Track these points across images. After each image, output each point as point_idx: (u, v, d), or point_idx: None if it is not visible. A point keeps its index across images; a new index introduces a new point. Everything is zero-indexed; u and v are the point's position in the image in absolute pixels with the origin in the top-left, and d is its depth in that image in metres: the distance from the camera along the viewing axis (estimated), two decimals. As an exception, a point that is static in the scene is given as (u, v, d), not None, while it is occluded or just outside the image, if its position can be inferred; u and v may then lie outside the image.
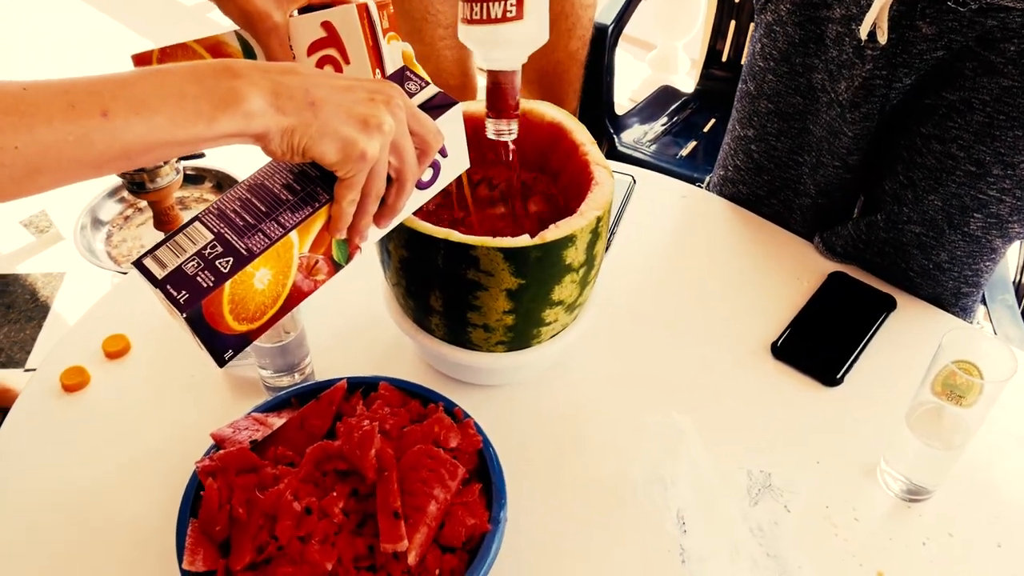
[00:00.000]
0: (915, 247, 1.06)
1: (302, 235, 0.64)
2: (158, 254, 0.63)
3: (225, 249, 0.62)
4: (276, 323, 0.68)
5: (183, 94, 0.55)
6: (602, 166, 0.87)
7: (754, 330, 1.05)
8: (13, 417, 0.97)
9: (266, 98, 0.58)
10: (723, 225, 1.20)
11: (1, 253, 2.42)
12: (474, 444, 0.79)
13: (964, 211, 1.00)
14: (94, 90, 0.53)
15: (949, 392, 0.81)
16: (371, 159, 0.61)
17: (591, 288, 0.90)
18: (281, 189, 0.66)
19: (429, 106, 0.69)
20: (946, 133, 0.97)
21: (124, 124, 0.53)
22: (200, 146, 0.57)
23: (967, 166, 0.97)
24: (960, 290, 1.08)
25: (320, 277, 0.68)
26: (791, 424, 0.95)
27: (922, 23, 0.91)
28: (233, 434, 0.80)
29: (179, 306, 0.60)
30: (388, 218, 0.69)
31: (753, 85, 1.13)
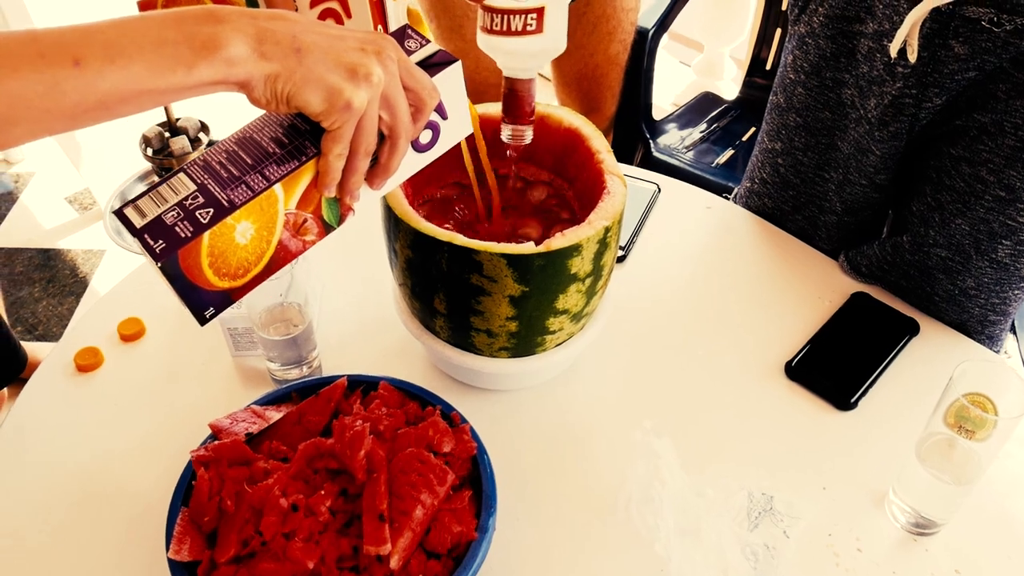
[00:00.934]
0: (941, 271, 1.03)
1: (288, 189, 0.62)
2: (139, 203, 0.62)
3: (207, 200, 0.61)
4: (261, 283, 0.66)
5: (162, 40, 0.54)
6: (616, 175, 0.86)
7: (770, 348, 1.02)
8: (26, 394, 0.98)
9: (249, 43, 0.56)
10: (746, 238, 1.18)
11: (45, 228, 2.47)
12: (468, 450, 0.79)
13: (992, 237, 0.97)
14: (65, 39, 0.51)
15: (961, 425, 0.79)
16: (357, 110, 0.59)
17: (599, 298, 0.89)
18: (269, 142, 0.64)
19: (428, 63, 0.67)
20: (976, 156, 0.94)
21: (98, 73, 0.52)
22: (182, 95, 0.56)
23: (997, 191, 0.94)
24: (987, 317, 1.05)
25: (309, 237, 0.67)
26: (800, 447, 0.93)
27: (955, 43, 0.88)
28: (230, 425, 0.81)
29: (155, 255, 0.58)
30: (381, 178, 0.67)
31: (783, 98, 1.11)
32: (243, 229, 0.61)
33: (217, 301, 0.64)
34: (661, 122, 1.93)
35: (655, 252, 1.15)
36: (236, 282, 0.64)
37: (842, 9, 0.99)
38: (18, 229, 2.48)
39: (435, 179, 0.95)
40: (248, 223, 0.61)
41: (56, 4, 3.36)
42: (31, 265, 2.36)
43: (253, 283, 0.65)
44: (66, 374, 1.00)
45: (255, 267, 0.65)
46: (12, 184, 2.62)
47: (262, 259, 0.65)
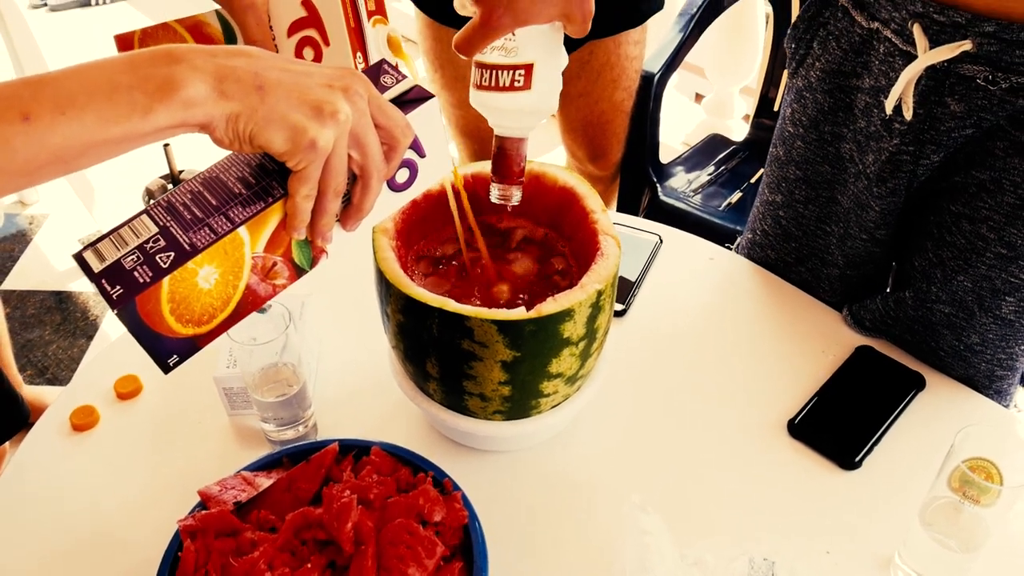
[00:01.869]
0: (945, 327, 1.01)
1: (254, 232, 0.60)
2: (99, 247, 0.59)
3: (168, 243, 0.58)
4: (229, 329, 0.63)
5: (115, 86, 0.52)
6: (610, 236, 0.85)
7: (772, 404, 1.01)
8: (21, 454, 0.98)
9: (208, 83, 0.54)
10: (749, 290, 1.17)
11: (58, 270, 2.49)
12: (459, 519, 0.77)
13: (995, 294, 0.95)
14: (15, 93, 0.50)
15: (966, 489, 0.77)
16: (323, 149, 0.57)
17: (595, 359, 0.88)
18: (235, 182, 0.61)
19: (404, 100, 0.65)
20: (976, 213, 0.92)
21: (48, 126, 0.50)
22: (141, 141, 0.54)
23: (998, 248, 0.92)
24: (994, 373, 1.03)
25: (279, 281, 0.64)
26: (802, 509, 0.91)
27: (951, 100, 0.87)
28: (219, 493, 0.79)
29: (111, 302, 0.56)
30: (354, 219, 0.64)
31: (783, 151, 1.10)
32: (206, 274, 0.59)
33: (181, 348, 0.61)
34: (668, 165, 1.93)
35: (657, 306, 1.14)
36: (201, 328, 0.61)
37: (839, 64, 0.98)
38: (31, 271, 2.49)
39: (431, 233, 0.95)
40: (212, 267, 0.59)
41: (69, 47, 3.42)
42: (43, 307, 2.37)
43: (220, 329, 0.63)
44: (62, 433, 1.00)
45: (221, 313, 0.62)
46: (27, 225, 2.65)
47: (229, 304, 0.62)
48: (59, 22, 3.83)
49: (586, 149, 1.81)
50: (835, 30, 0.99)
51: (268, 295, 0.64)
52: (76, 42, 3.64)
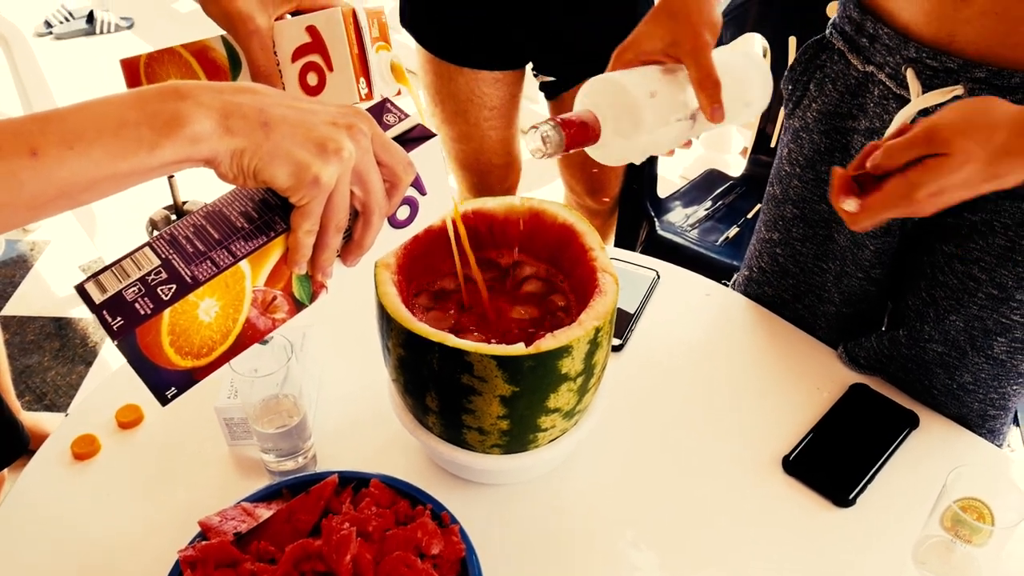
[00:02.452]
0: (938, 366, 1.02)
1: (255, 266, 0.60)
2: (101, 278, 0.60)
3: (169, 275, 0.59)
4: (227, 362, 0.63)
5: (123, 122, 0.52)
6: (609, 273, 0.86)
7: (767, 441, 1.02)
8: (22, 482, 0.99)
9: (214, 119, 0.55)
10: (745, 327, 1.18)
11: (58, 296, 2.50)
12: (457, 552, 0.78)
13: (987, 334, 0.97)
14: (24, 129, 0.51)
15: (958, 529, 0.78)
16: (326, 185, 0.57)
17: (592, 394, 0.89)
18: (238, 216, 0.62)
19: (406, 138, 0.66)
20: (968, 254, 0.94)
21: (56, 161, 0.50)
22: (147, 176, 0.54)
23: (989, 289, 0.94)
24: (987, 412, 1.04)
25: (279, 315, 0.64)
26: (797, 546, 0.91)
27: None
28: (220, 524, 0.80)
29: (112, 332, 0.56)
30: (355, 256, 0.65)
31: (779, 189, 1.12)
32: (207, 307, 0.59)
33: (179, 381, 0.61)
34: (666, 200, 1.95)
35: (654, 341, 1.15)
36: (199, 361, 0.61)
37: (835, 106, 1.00)
38: (32, 297, 2.50)
39: (432, 268, 0.96)
40: (212, 300, 0.59)
41: (74, 75, 3.45)
42: (42, 333, 2.38)
43: (219, 362, 0.63)
44: (63, 462, 1.01)
45: (220, 346, 0.62)
46: (28, 252, 2.66)
47: (228, 337, 0.62)
48: (64, 50, 3.87)
49: (584, 184, 1.83)
50: (831, 73, 1.01)
51: (267, 329, 0.64)
52: (81, 70, 3.68)
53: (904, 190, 0.74)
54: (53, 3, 4.03)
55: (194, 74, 0.84)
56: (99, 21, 3.93)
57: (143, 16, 4.10)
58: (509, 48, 1.61)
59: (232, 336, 0.62)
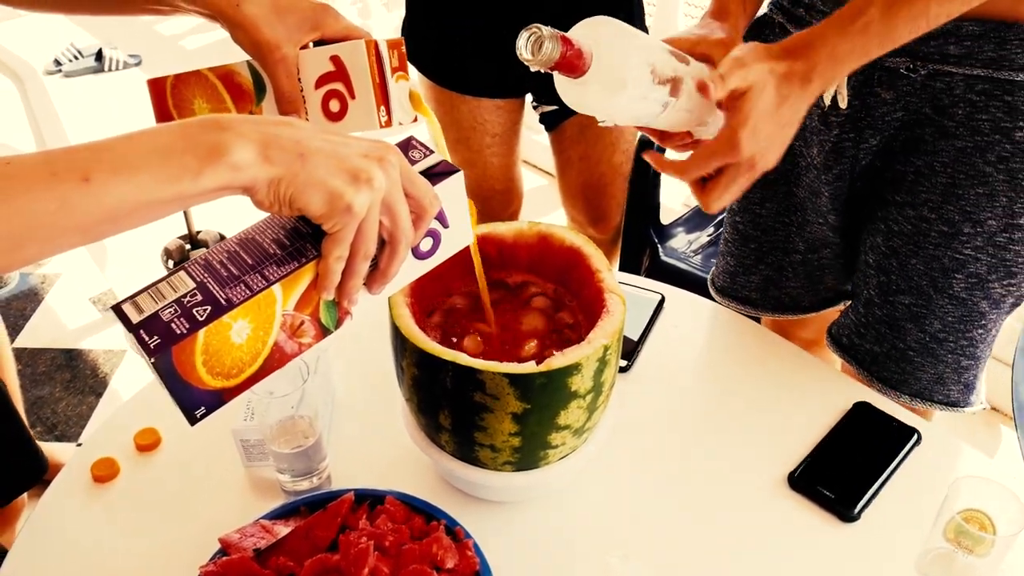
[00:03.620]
0: (908, 320, 1.09)
1: (286, 290, 0.63)
2: (137, 299, 0.62)
3: (204, 298, 0.61)
4: (254, 385, 0.65)
5: (169, 150, 0.56)
6: (616, 294, 0.89)
7: (773, 458, 1.04)
8: (43, 505, 1.01)
9: (254, 148, 0.58)
10: (749, 349, 1.21)
11: (68, 328, 2.53)
12: (471, 566, 0.80)
13: (945, 273, 1.04)
14: (76, 156, 0.54)
15: (961, 540, 0.79)
16: (357, 214, 0.60)
17: (601, 412, 0.91)
18: (270, 243, 0.65)
19: (431, 173, 0.69)
20: (916, 198, 1.03)
21: (105, 187, 0.53)
22: (189, 202, 0.57)
23: (939, 227, 1.02)
24: (960, 363, 1.11)
25: (306, 340, 0.67)
26: (804, 560, 0.93)
27: (880, 89, 1.00)
28: (240, 540, 0.82)
29: (148, 351, 0.58)
30: (380, 283, 0.68)
31: None
32: (239, 328, 0.61)
33: (209, 401, 0.63)
34: (669, 226, 1.98)
35: (659, 362, 1.17)
36: (229, 382, 0.64)
37: None
38: (43, 329, 2.53)
39: (441, 290, 0.99)
40: (245, 322, 0.62)
41: (82, 112, 3.50)
42: (53, 365, 2.40)
43: (247, 384, 0.65)
44: (83, 484, 1.03)
45: (249, 367, 0.64)
46: (39, 284, 2.69)
47: (257, 359, 0.64)
48: (73, 88, 3.93)
49: (586, 213, 1.86)
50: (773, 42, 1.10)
51: (294, 353, 0.67)
52: (90, 107, 3.74)
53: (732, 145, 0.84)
54: (62, 42, 4.10)
55: (220, 97, 0.87)
56: (108, 59, 4.00)
57: (151, 54, 4.17)
58: (509, 76, 1.65)
59: (261, 358, 0.65)
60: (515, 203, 1.91)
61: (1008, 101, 0.94)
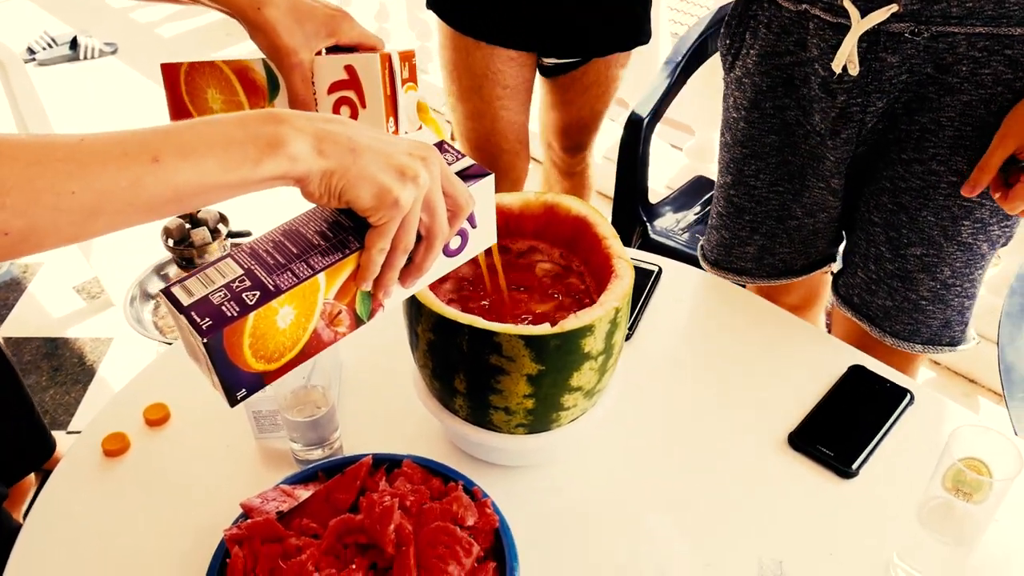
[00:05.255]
0: (920, 271, 1.14)
1: (329, 279, 0.66)
2: (187, 283, 0.64)
3: (253, 283, 0.64)
4: (291, 370, 0.68)
5: (230, 140, 0.58)
6: (623, 259, 0.91)
7: (772, 420, 1.07)
8: (56, 478, 1.02)
9: (309, 142, 0.60)
10: (745, 317, 1.24)
11: (53, 317, 2.52)
12: (491, 523, 0.82)
13: (955, 220, 1.09)
14: (146, 139, 0.56)
15: (959, 488, 0.83)
16: (403, 207, 0.63)
17: (610, 375, 0.94)
18: (314, 235, 0.68)
19: (464, 175, 0.72)
20: (924, 153, 1.07)
21: (174, 169, 0.56)
22: (247, 188, 0.60)
23: (949, 178, 1.07)
24: (963, 304, 1.17)
25: (341, 329, 0.69)
26: (806, 514, 0.96)
27: (886, 54, 1.04)
28: (261, 504, 0.84)
29: (200, 331, 0.60)
30: (414, 277, 0.70)
31: (729, 136, 1.26)
32: (285, 314, 0.64)
33: (251, 383, 0.65)
34: (657, 205, 2.01)
35: (659, 331, 1.20)
36: (271, 365, 0.66)
37: (772, 47, 1.14)
38: (26, 319, 2.52)
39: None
40: (290, 308, 0.64)
41: (58, 100, 3.46)
42: (39, 354, 2.39)
43: (285, 368, 0.67)
44: (94, 459, 1.04)
45: (289, 352, 0.67)
46: (20, 274, 2.68)
47: (297, 345, 0.67)
48: (48, 76, 3.89)
49: (563, 145, 2.01)
50: (764, 19, 1.15)
51: (330, 341, 0.70)
52: (66, 96, 3.70)
53: None
54: (36, 30, 4.05)
55: (234, 90, 0.89)
56: (83, 47, 3.96)
57: (127, 41, 4.13)
58: (522, 27, 1.71)
59: (300, 344, 0.67)
60: (520, 166, 1.96)
61: (1008, 55, 0.99)
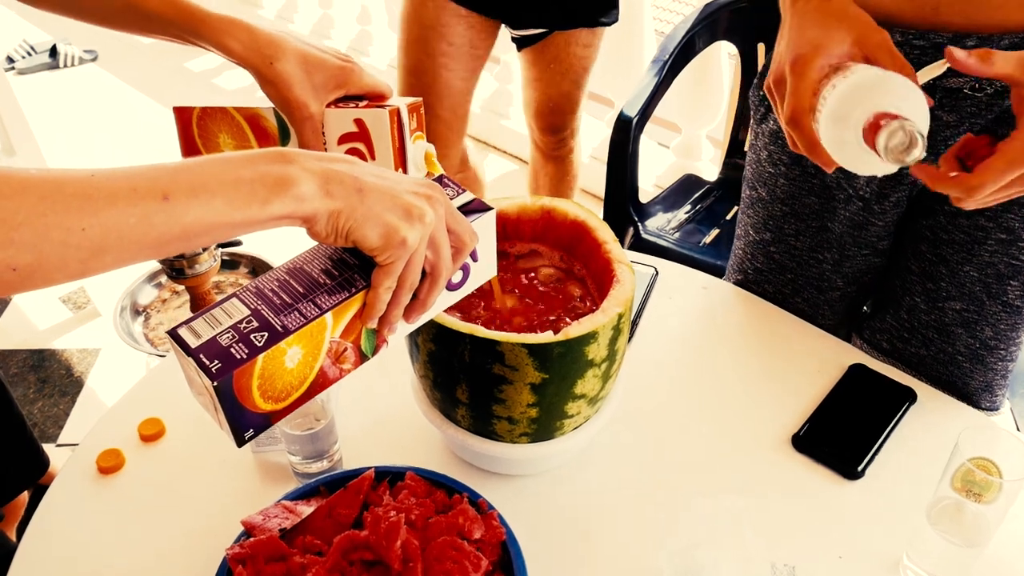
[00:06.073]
0: (959, 325, 1.08)
1: (336, 318, 0.66)
2: (193, 325, 0.64)
3: (260, 324, 0.63)
4: (297, 409, 0.67)
5: (239, 179, 0.59)
6: (624, 264, 0.90)
7: (775, 422, 1.06)
8: (50, 497, 1.00)
9: (316, 182, 0.61)
10: (743, 317, 1.23)
11: (39, 328, 2.49)
12: (498, 536, 0.81)
13: (1000, 279, 1.02)
14: (156, 176, 0.56)
15: (968, 489, 0.82)
16: (411, 247, 0.64)
17: (613, 381, 0.92)
18: (319, 274, 0.68)
19: (466, 210, 0.72)
20: None
21: (183, 207, 0.56)
22: (254, 227, 0.60)
23: (997, 234, 1.00)
24: (1007, 369, 1.10)
25: (346, 366, 0.69)
26: (813, 517, 0.96)
27: (942, 113, 0.95)
28: (263, 522, 0.82)
29: (211, 374, 0.60)
30: (418, 313, 0.71)
31: (765, 191, 1.17)
32: (293, 354, 0.64)
33: (258, 423, 0.65)
34: (648, 205, 2.00)
35: (658, 333, 1.19)
36: (278, 405, 0.66)
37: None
38: (11, 330, 2.49)
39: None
40: (298, 348, 0.64)
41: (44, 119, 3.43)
42: (25, 366, 2.36)
43: (292, 407, 0.67)
44: (88, 477, 1.02)
45: (296, 392, 0.67)
46: (4, 287, 2.64)
47: (304, 384, 0.67)
48: (28, 85, 3.85)
49: (540, 125, 2.03)
50: None
51: (335, 378, 0.69)
52: (46, 105, 3.66)
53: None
54: (15, 38, 4.01)
55: (245, 136, 0.91)
56: (62, 55, 3.92)
57: (107, 48, 4.10)
58: None
59: (307, 383, 0.67)
60: (454, 141, 1.95)
61: None
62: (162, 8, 0.85)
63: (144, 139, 3.42)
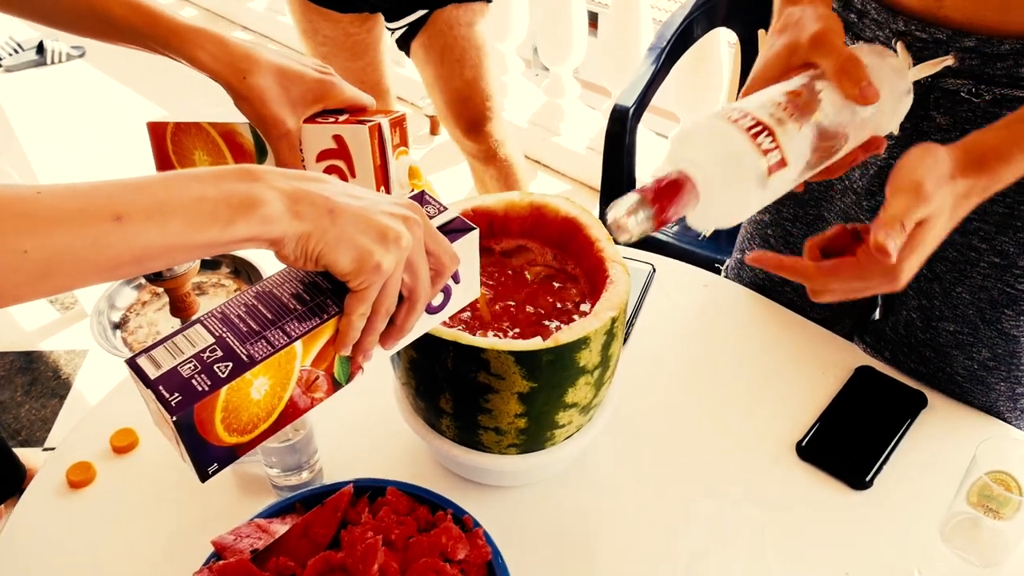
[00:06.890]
0: (954, 347, 1.02)
1: (307, 347, 0.62)
2: (153, 354, 0.60)
3: (225, 353, 0.59)
4: (266, 440, 0.64)
5: (201, 198, 0.54)
6: (618, 263, 0.85)
7: (778, 428, 1.01)
8: (18, 514, 0.95)
9: (285, 202, 0.57)
10: (745, 316, 1.18)
11: (26, 329, 2.44)
12: (483, 556, 0.76)
13: (994, 306, 0.97)
14: (109, 193, 0.52)
15: (986, 504, 0.77)
16: (386, 272, 0.60)
17: (607, 388, 0.88)
18: (289, 298, 0.63)
19: (446, 229, 0.68)
20: (966, 225, 0.93)
21: (138, 228, 0.52)
22: (216, 250, 0.56)
23: (991, 258, 0.94)
24: (1015, 391, 1.03)
25: (318, 395, 0.65)
26: (818, 530, 0.91)
27: (936, 114, 0.90)
28: (234, 542, 0.77)
29: (170, 408, 0.56)
30: (395, 339, 0.66)
31: None
32: (259, 385, 0.60)
33: (222, 456, 0.61)
34: (645, 198, 1.94)
35: (655, 333, 1.14)
36: (244, 438, 0.62)
37: None
38: (-1, 332, 2.45)
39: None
40: (265, 379, 0.60)
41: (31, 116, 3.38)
42: (12, 368, 2.32)
43: (259, 439, 0.63)
44: (58, 491, 0.97)
45: (263, 423, 0.63)
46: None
47: (272, 415, 0.63)
48: (15, 82, 3.80)
49: (458, 125, 1.94)
50: None
51: (306, 408, 0.65)
52: (33, 102, 3.61)
53: (890, 273, 0.75)
54: (1, 35, 3.95)
55: (220, 152, 0.86)
56: (49, 51, 3.86)
57: (95, 44, 4.02)
58: None
59: (275, 414, 0.63)
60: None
61: None
62: (127, 15, 0.81)
63: (132, 136, 3.36)
